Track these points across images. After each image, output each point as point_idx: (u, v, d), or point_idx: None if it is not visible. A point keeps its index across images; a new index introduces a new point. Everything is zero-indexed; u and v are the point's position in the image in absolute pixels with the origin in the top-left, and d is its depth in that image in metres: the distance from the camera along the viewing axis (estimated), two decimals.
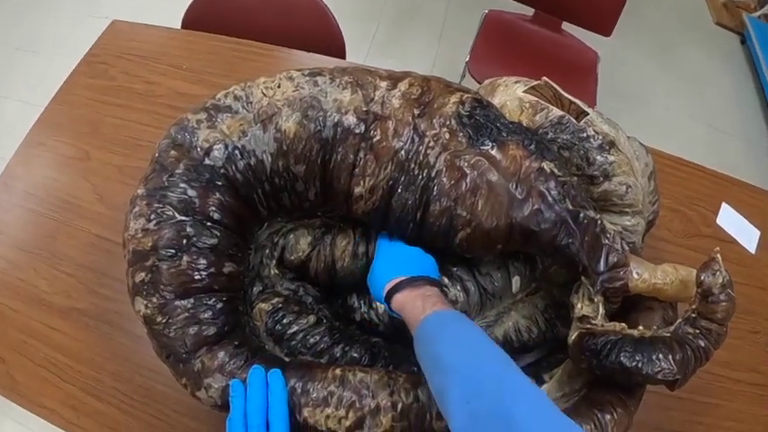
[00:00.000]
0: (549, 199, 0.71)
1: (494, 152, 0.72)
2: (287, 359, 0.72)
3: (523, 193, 0.71)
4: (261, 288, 0.76)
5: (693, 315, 0.75)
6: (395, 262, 0.75)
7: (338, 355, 0.73)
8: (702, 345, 0.74)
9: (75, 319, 0.96)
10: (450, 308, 0.68)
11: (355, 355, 0.73)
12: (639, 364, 0.69)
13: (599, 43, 1.94)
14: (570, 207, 0.72)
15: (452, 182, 0.71)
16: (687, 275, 0.76)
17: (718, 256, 0.75)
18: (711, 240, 1.34)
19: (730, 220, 1.35)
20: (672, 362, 0.69)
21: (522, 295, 0.84)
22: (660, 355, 0.69)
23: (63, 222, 1.07)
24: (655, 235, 1.27)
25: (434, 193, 0.71)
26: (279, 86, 0.75)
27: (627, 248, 0.76)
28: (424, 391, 0.65)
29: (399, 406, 0.63)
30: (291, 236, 0.78)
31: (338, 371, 0.66)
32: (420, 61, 2.61)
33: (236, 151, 0.72)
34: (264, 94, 0.74)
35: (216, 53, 1.29)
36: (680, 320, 0.75)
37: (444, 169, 0.71)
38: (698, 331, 0.74)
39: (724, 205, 1.37)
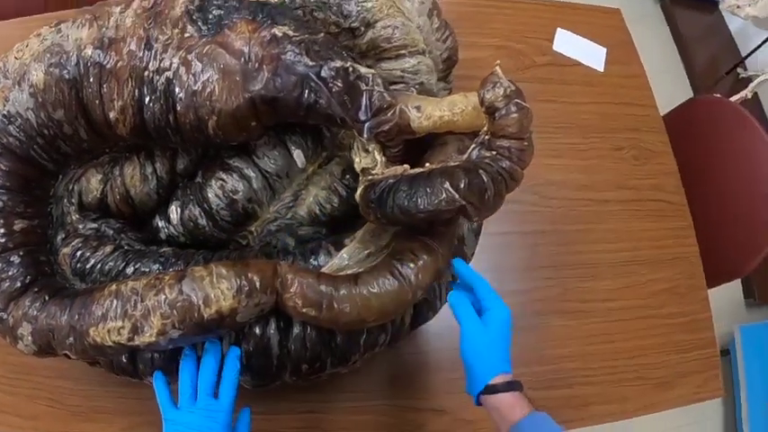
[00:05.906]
0: (285, 61, 0.69)
1: (224, 37, 0.70)
2: None
3: (256, 64, 0.69)
4: (64, 235, 0.78)
5: (486, 137, 0.69)
6: (493, 349, 0.71)
7: (130, 273, 0.74)
8: (505, 165, 0.68)
9: None
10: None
11: (145, 269, 0.73)
12: (417, 200, 0.65)
13: None
14: (310, 63, 0.68)
15: (189, 76, 0.70)
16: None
17: (498, 69, 0.69)
18: (551, 68, 1.26)
19: (569, 43, 1.26)
20: (451, 189, 0.64)
21: (314, 168, 0.81)
22: (436, 187, 0.64)
23: None
24: (480, 77, 1.19)
25: (176, 93, 0.70)
26: (27, 46, 0.77)
27: (396, 89, 0.72)
28: (188, 283, 0.64)
29: (165, 302, 0.63)
30: (83, 179, 0.80)
31: (113, 286, 0.66)
32: None
33: (4, 119, 0.75)
34: (17, 58, 0.76)
35: None
36: (473, 146, 0.70)
37: (180, 67, 0.70)
38: (495, 153, 0.68)
39: (559, 30, 1.28)
